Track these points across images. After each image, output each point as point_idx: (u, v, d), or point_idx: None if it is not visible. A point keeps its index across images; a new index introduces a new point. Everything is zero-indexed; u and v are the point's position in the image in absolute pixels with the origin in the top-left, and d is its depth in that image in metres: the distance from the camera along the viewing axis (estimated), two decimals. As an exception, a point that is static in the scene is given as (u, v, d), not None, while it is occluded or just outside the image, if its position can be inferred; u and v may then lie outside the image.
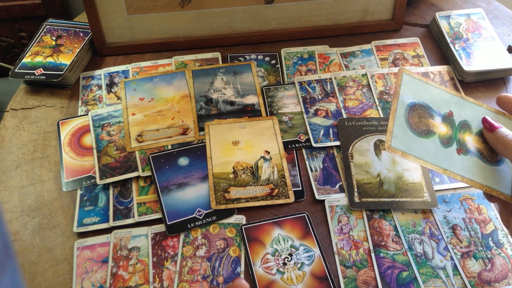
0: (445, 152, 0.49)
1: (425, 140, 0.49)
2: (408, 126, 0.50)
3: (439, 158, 0.49)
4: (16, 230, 0.59)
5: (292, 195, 0.61)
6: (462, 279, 0.53)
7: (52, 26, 0.82)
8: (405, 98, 0.51)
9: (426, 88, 0.51)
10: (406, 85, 0.51)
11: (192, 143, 0.67)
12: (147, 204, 0.61)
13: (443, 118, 0.51)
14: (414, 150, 0.49)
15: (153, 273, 0.55)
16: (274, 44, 0.82)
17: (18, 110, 0.73)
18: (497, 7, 0.88)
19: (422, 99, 0.51)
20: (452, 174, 0.49)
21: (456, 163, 0.49)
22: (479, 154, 0.50)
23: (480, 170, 0.49)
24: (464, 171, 0.49)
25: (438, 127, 0.50)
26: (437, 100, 0.51)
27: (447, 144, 0.50)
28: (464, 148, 0.50)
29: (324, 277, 0.54)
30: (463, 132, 0.50)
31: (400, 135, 0.49)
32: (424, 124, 0.50)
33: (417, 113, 0.50)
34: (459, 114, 0.51)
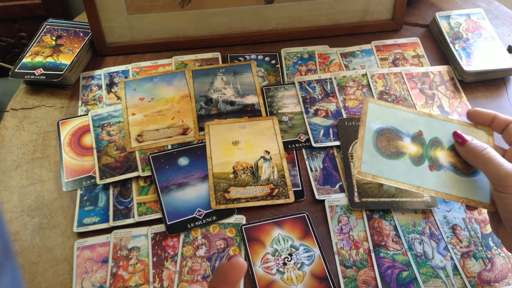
0: (417, 170, 0.50)
1: (395, 161, 0.50)
2: (377, 150, 0.51)
3: (411, 176, 0.50)
4: (16, 230, 0.59)
5: (292, 195, 0.61)
6: (462, 279, 0.53)
7: (52, 26, 0.82)
8: (372, 124, 0.52)
9: (393, 112, 0.52)
10: (372, 112, 0.52)
11: (192, 143, 0.67)
12: (147, 204, 0.61)
13: (413, 138, 0.51)
14: (385, 172, 0.50)
15: (153, 273, 0.55)
16: (274, 44, 0.82)
17: (18, 110, 0.73)
18: (497, 7, 0.88)
19: (389, 123, 0.52)
20: (426, 191, 0.50)
21: (429, 179, 0.50)
22: (453, 168, 0.50)
23: (455, 183, 0.49)
24: (438, 186, 0.49)
25: (408, 148, 0.51)
26: (405, 122, 0.52)
27: (418, 162, 0.50)
28: (437, 164, 0.50)
29: (324, 277, 0.54)
30: (435, 149, 0.51)
31: (370, 159, 0.50)
32: (393, 147, 0.51)
33: (385, 137, 0.51)
34: (429, 132, 0.51)
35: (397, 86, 0.73)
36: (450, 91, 0.73)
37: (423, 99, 0.72)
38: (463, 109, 0.70)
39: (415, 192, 0.55)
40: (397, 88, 0.73)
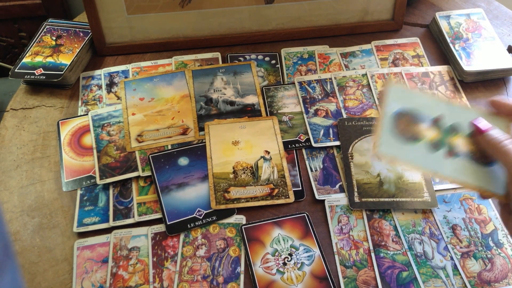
0: (434, 156, 0.50)
1: (412, 145, 0.50)
2: (395, 133, 0.51)
3: (428, 161, 0.50)
4: (16, 230, 0.59)
5: (292, 195, 0.61)
6: (462, 279, 0.53)
7: (52, 26, 0.82)
8: (392, 106, 0.52)
9: (414, 95, 0.53)
10: (393, 94, 0.53)
11: (192, 143, 0.67)
12: (147, 204, 0.61)
13: (432, 123, 0.51)
14: (402, 155, 0.50)
15: (153, 273, 0.55)
16: (274, 44, 0.82)
17: (18, 110, 0.74)
18: (497, 7, 0.88)
19: (410, 105, 0.52)
20: (442, 176, 0.50)
21: (446, 166, 0.50)
22: (470, 156, 0.50)
23: (471, 172, 0.49)
24: (454, 173, 0.49)
25: (426, 132, 0.51)
26: (425, 106, 0.52)
27: (435, 148, 0.50)
28: (454, 151, 0.50)
29: (324, 277, 0.54)
30: (453, 135, 0.51)
31: (388, 141, 0.50)
32: (411, 130, 0.51)
33: (404, 120, 0.51)
34: (449, 117, 0.51)
35: (397, 86, 0.73)
36: (450, 91, 0.73)
37: (423, 99, 0.72)
38: (463, 109, 0.70)
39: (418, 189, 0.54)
40: (397, 88, 0.73)
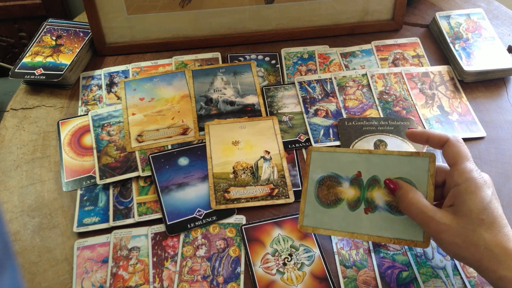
0: (353, 215, 0.51)
1: (333, 210, 0.52)
2: (318, 201, 0.53)
3: (348, 223, 0.51)
4: (16, 230, 0.59)
5: (292, 195, 0.61)
6: (462, 279, 0.53)
7: (52, 26, 0.82)
8: (314, 175, 0.53)
9: (334, 157, 0.53)
10: (315, 162, 0.54)
11: (192, 143, 0.67)
12: (147, 204, 0.61)
13: (351, 182, 0.52)
14: (324, 223, 0.52)
15: (153, 273, 0.55)
16: (274, 44, 0.82)
17: (18, 110, 0.73)
18: (497, 7, 0.88)
19: (330, 169, 0.53)
20: (359, 236, 0.51)
21: (363, 224, 0.51)
22: (388, 207, 0.50)
23: (388, 224, 0.50)
24: (371, 229, 0.50)
25: (346, 193, 0.52)
26: (345, 165, 0.53)
27: (354, 207, 0.51)
28: (372, 205, 0.51)
29: (324, 277, 0.54)
30: (372, 189, 0.51)
31: (311, 212, 0.53)
32: (333, 194, 0.52)
33: (325, 185, 0.53)
34: (367, 171, 0.52)
35: (397, 86, 0.73)
36: (450, 91, 0.73)
37: (423, 99, 0.72)
38: (463, 109, 0.70)
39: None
40: (397, 88, 0.73)
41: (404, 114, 0.70)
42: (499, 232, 0.42)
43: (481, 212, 0.43)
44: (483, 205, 0.43)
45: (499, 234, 0.42)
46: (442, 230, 0.44)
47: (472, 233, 0.43)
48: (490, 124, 0.69)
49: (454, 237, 0.43)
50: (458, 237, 0.43)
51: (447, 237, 0.44)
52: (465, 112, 0.70)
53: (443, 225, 0.44)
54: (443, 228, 0.44)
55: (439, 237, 0.45)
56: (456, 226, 0.43)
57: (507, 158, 0.65)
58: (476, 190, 0.44)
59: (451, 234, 0.43)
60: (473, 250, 0.43)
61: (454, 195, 0.45)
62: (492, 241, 0.42)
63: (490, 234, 0.42)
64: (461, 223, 0.43)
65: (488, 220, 0.43)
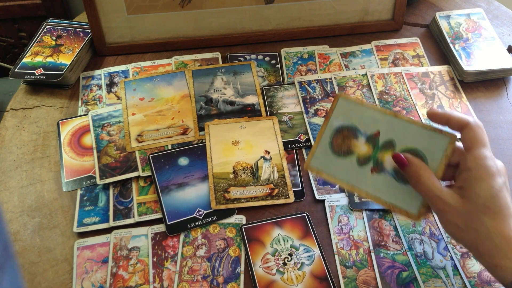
0: (358, 170, 0.52)
1: (342, 160, 0.53)
2: (330, 147, 0.53)
3: (351, 176, 0.52)
4: (16, 230, 0.59)
5: (292, 195, 0.61)
6: (462, 279, 0.53)
7: (52, 26, 0.82)
8: (335, 121, 0.54)
9: (359, 110, 0.53)
10: (339, 108, 0.54)
11: (192, 143, 0.67)
12: (147, 204, 0.61)
13: (368, 138, 0.52)
14: (329, 169, 0.53)
15: (153, 273, 0.55)
16: (274, 44, 0.82)
17: (18, 110, 0.73)
18: (497, 7, 0.88)
19: (352, 121, 0.53)
20: (357, 190, 0.52)
21: (366, 181, 0.51)
22: (394, 173, 0.51)
23: (389, 188, 0.51)
24: (371, 188, 0.51)
25: (359, 147, 0.53)
26: (367, 120, 0.53)
27: (363, 163, 0.52)
28: (380, 167, 0.51)
29: (324, 277, 0.54)
30: (384, 152, 0.52)
31: (320, 156, 0.53)
32: (346, 145, 0.53)
33: (342, 134, 0.53)
34: (386, 133, 0.52)
35: (397, 86, 0.73)
36: (450, 91, 0.73)
37: (423, 99, 0.72)
38: (463, 109, 0.70)
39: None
40: (397, 88, 0.73)
41: (404, 114, 0.70)
42: (503, 221, 0.43)
43: (488, 200, 0.43)
44: (491, 193, 0.43)
45: (503, 223, 0.42)
46: (447, 210, 0.45)
47: (476, 219, 0.43)
48: (490, 124, 0.69)
49: (457, 219, 0.44)
50: (460, 219, 0.44)
51: (450, 217, 0.44)
52: (465, 112, 0.70)
53: (448, 205, 0.45)
54: (447, 208, 0.45)
55: (442, 216, 0.45)
56: (461, 209, 0.44)
57: (507, 158, 0.65)
58: (487, 178, 0.44)
59: (454, 215, 0.44)
60: (473, 235, 0.43)
61: (464, 178, 0.46)
62: (494, 229, 0.42)
63: (493, 222, 0.42)
64: (466, 207, 0.44)
65: (494, 209, 0.43)
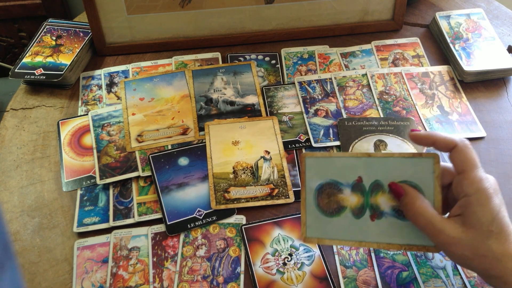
0: (359, 223, 0.48)
1: (337, 219, 0.49)
2: (320, 210, 0.49)
3: (354, 232, 0.48)
4: (16, 230, 0.59)
5: (292, 195, 0.61)
6: (462, 279, 0.53)
7: (52, 26, 0.82)
8: (312, 183, 0.50)
9: (331, 162, 0.49)
10: (310, 169, 0.50)
11: (192, 143, 0.67)
12: (147, 204, 0.61)
13: (353, 188, 0.49)
14: (329, 233, 0.49)
15: (153, 273, 0.55)
16: (274, 44, 0.82)
17: (18, 110, 0.73)
18: (497, 7, 0.88)
19: (328, 176, 0.49)
20: (367, 244, 0.48)
21: (371, 231, 0.48)
22: (394, 212, 0.48)
23: (397, 230, 0.48)
24: (380, 237, 0.48)
25: (349, 200, 0.49)
26: (343, 171, 0.49)
27: (359, 214, 0.48)
28: (378, 212, 0.48)
29: (324, 277, 0.54)
30: (375, 195, 0.48)
31: (314, 223, 0.49)
32: (334, 202, 0.49)
33: (325, 193, 0.49)
34: (369, 176, 0.48)
35: (397, 86, 0.73)
36: (450, 91, 0.73)
37: (423, 99, 0.72)
38: (463, 109, 0.70)
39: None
40: (397, 88, 0.73)
41: (404, 114, 0.70)
42: (506, 240, 0.42)
43: (491, 224, 0.43)
44: (492, 216, 0.43)
45: (506, 242, 0.42)
46: (452, 243, 0.44)
47: (482, 245, 0.43)
48: (490, 124, 0.69)
49: (464, 250, 0.43)
50: (467, 249, 0.43)
51: (456, 249, 0.43)
52: (465, 112, 0.70)
53: (452, 238, 0.43)
54: (452, 241, 0.43)
55: (448, 250, 0.44)
56: (466, 238, 0.43)
57: (507, 158, 0.65)
58: (487, 202, 0.43)
59: (461, 247, 0.43)
60: (482, 260, 0.43)
61: (463, 205, 0.44)
62: (500, 251, 0.42)
63: (498, 244, 0.42)
64: (470, 235, 0.43)
65: (496, 231, 0.43)
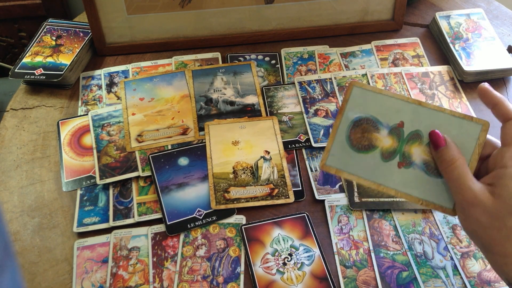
0: (384, 166, 0.47)
1: (363, 155, 0.48)
2: (348, 142, 0.48)
3: (376, 173, 0.47)
4: (16, 230, 0.59)
5: (292, 195, 0.61)
6: (462, 279, 0.53)
7: (52, 26, 0.82)
8: (351, 113, 0.49)
9: (378, 99, 0.48)
10: (355, 99, 0.49)
11: (192, 143, 0.67)
12: (147, 204, 0.61)
13: (391, 130, 0.48)
14: (350, 167, 0.48)
15: (153, 273, 0.55)
16: (274, 44, 0.82)
17: (18, 110, 0.73)
18: (497, 7, 0.88)
19: (370, 112, 0.48)
20: (386, 189, 0.47)
21: (393, 177, 0.47)
22: (425, 166, 0.47)
23: (420, 183, 0.46)
24: (400, 185, 0.47)
25: (382, 141, 0.48)
26: (388, 111, 0.48)
27: (388, 158, 0.47)
28: (408, 161, 0.47)
29: (324, 277, 0.54)
30: (411, 144, 0.47)
31: (338, 153, 0.48)
32: (367, 139, 0.48)
33: (360, 128, 0.48)
34: (412, 123, 0.47)
35: (397, 86, 0.73)
36: (450, 91, 0.73)
37: (423, 99, 0.72)
38: (463, 109, 0.70)
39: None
40: (397, 88, 0.73)
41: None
42: None
43: None
44: None
45: None
46: (474, 204, 0.43)
47: (502, 218, 0.42)
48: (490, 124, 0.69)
49: (482, 216, 0.42)
50: (486, 216, 0.42)
51: (475, 212, 0.43)
52: (465, 112, 0.70)
53: (477, 199, 0.43)
54: (475, 202, 0.43)
55: (468, 210, 0.43)
56: (490, 205, 0.42)
57: (507, 158, 0.65)
58: None
59: (481, 211, 0.42)
60: (494, 233, 0.42)
61: (498, 175, 0.43)
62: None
63: None
64: (495, 205, 0.42)
65: None
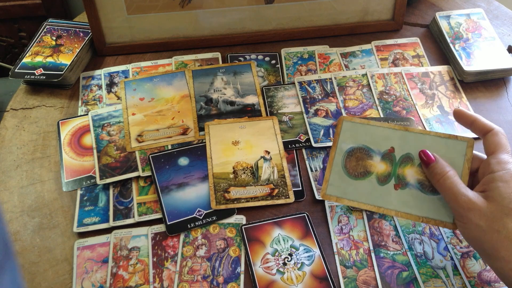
0: (381, 189, 0.50)
1: (361, 182, 0.51)
2: (345, 171, 0.52)
3: (374, 197, 0.50)
4: (16, 230, 0.59)
5: (292, 195, 0.61)
6: (462, 279, 0.53)
7: (52, 26, 0.82)
8: (344, 145, 0.52)
9: (367, 129, 0.52)
10: (346, 132, 0.53)
11: (192, 143, 0.67)
12: (147, 204, 0.61)
13: (383, 156, 0.51)
14: (349, 193, 0.51)
15: (153, 273, 0.55)
16: (274, 44, 0.82)
17: (18, 110, 0.74)
18: (497, 7, 0.88)
19: (362, 142, 0.52)
20: (386, 211, 0.50)
21: (392, 199, 0.50)
22: (420, 185, 0.50)
23: (418, 202, 0.49)
24: (399, 205, 0.49)
25: (376, 166, 0.51)
26: (378, 139, 0.52)
27: (384, 181, 0.51)
28: (403, 182, 0.50)
29: (324, 277, 0.54)
30: (404, 166, 0.51)
31: (336, 182, 0.52)
32: (362, 166, 0.51)
33: (355, 157, 0.52)
34: (401, 148, 0.51)
35: (397, 86, 0.73)
36: (450, 91, 0.73)
37: (423, 99, 0.72)
38: (463, 109, 0.70)
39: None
40: (397, 88, 0.73)
41: (404, 114, 0.70)
42: None
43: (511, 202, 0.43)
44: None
45: None
46: (471, 209, 0.44)
47: (499, 220, 0.43)
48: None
49: (480, 219, 0.44)
50: (484, 219, 0.43)
51: (474, 217, 0.44)
52: (465, 112, 0.70)
53: (473, 203, 0.44)
54: (472, 206, 0.44)
55: (466, 215, 0.45)
56: (485, 209, 0.44)
57: (507, 158, 0.65)
58: (511, 180, 0.44)
59: (478, 215, 0.44)
60: (494, 236, 0.43)
61: (487, 181, 0.45)
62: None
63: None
64: (490, 208, 0.44)
65: None
